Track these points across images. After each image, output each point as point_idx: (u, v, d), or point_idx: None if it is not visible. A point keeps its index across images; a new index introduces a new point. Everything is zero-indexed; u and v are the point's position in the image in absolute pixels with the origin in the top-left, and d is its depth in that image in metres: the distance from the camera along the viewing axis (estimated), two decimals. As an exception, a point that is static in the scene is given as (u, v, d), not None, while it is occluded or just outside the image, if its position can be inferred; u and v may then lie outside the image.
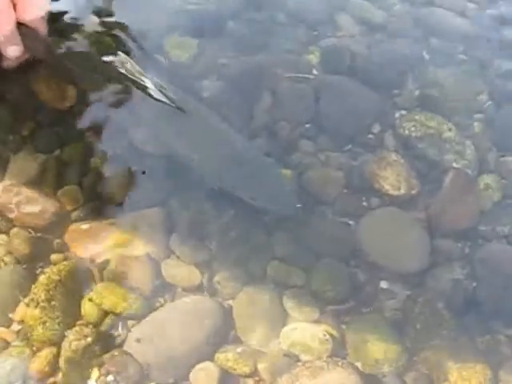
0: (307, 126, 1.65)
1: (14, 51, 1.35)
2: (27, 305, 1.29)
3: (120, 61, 1.43)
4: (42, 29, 1.42)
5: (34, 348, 1.25)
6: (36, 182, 1.45)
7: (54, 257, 1.36)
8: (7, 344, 1.26)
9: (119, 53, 1.46)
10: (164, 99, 1.42)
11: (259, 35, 1.84)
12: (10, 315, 1.30)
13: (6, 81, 1.57)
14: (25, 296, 1.30)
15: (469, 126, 1.73)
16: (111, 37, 1.68)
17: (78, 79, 1.56)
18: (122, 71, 1.43)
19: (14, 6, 1.32)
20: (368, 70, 1.78)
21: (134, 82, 1.44)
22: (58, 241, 1.39)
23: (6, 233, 1.39)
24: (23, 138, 1.52)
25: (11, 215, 1.40)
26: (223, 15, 1.86)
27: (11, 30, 1.31)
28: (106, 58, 1.46)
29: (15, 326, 1.29)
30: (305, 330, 1.32)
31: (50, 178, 1.46)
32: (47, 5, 1.41)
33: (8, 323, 1.29)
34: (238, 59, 1.76)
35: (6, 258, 1.36)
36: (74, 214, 1.42)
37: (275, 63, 1.77)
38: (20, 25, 1.35)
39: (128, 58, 1.45)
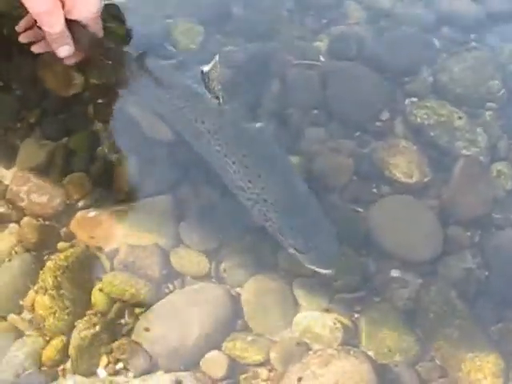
0: (316, 112, 1.64)
1: (64, 51, 1.34)
2: (36, 292, 1.29)
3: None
4: (95, 27, 1.36)
5: (47, 337, 1.25)
6: (44, 170, 1.45)
7: (60, 244, 1.36)
8: (19, 332, 1.27)
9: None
10: None
11: (266, 22, 1.81)
12: (21, 302, 1.30)
13: (12, 69, 1.56)
14: (34, 284, 1.30)
15: (480, 113, 1.70)
16: (121, 26, 1.67)
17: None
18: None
19: (63, 5, 1.28)
20: (377, 56, 1.76)
21: None
22: (64, 229, 1.38)
23: (17, 222, 1.39)
24: (30, 125, 1.52)
25: (22, 204, 1.40)
26: (230, 1, 1.83)
27: (60, 30, 1.28)
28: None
29: (26, 314, 1.29)
30: (316, 319, 1.31)
31: (57, 165, 1.46)
32: (98, 2, 1.34)
33: (19, 310, 1.29)
34: (246, 46, 1.74)
35: (17, 247, 1.36)
36: (82, 202, 1.42)
37: (283, 50, 1.75)
38: (72, 23, 1.31)
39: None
